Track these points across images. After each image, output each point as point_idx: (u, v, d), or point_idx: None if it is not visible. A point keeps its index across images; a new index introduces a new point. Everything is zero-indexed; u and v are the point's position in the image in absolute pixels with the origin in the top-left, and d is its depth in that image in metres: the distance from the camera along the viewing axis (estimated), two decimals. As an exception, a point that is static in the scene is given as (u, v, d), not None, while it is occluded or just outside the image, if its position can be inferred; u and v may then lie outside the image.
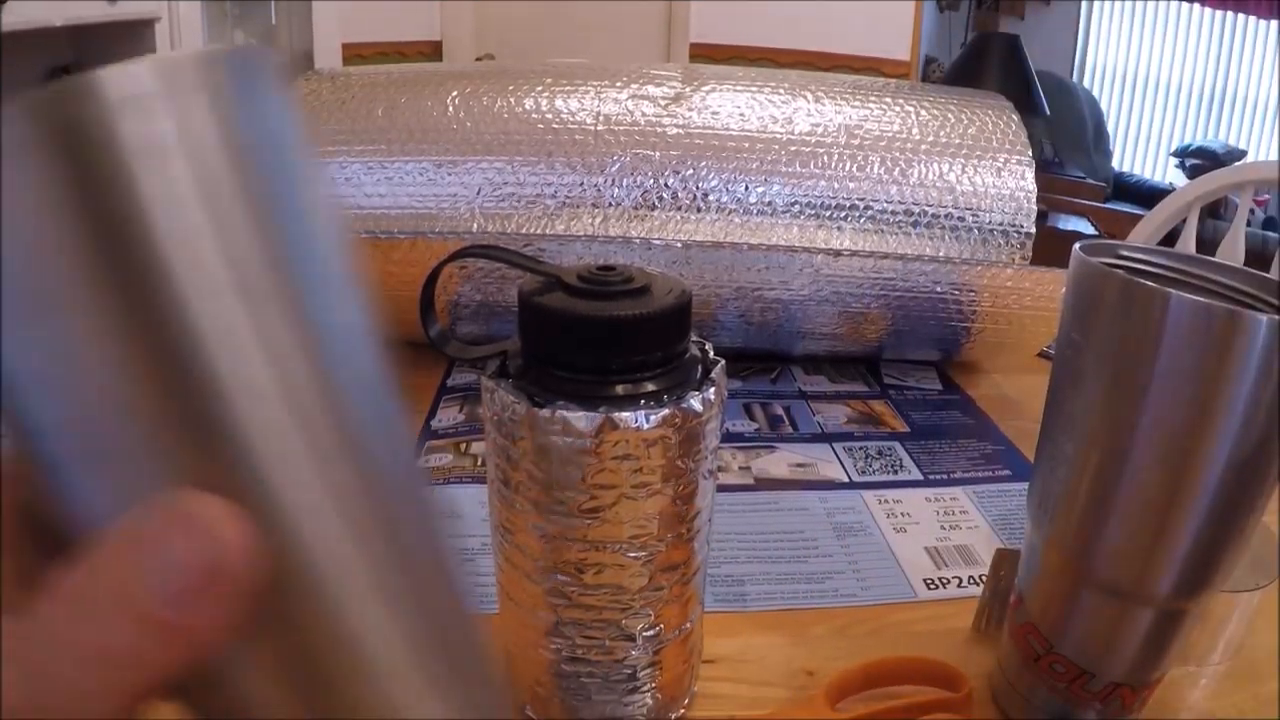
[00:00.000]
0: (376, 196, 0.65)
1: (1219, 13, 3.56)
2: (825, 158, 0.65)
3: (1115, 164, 3.71)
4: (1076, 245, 0.32)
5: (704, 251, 0.58)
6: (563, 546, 0.30)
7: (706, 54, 2.59)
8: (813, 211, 0.65)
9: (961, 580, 0.46)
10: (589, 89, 0.67)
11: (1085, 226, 2.92)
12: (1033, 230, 0.66)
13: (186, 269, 0.14)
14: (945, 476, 0.56)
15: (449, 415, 0.62)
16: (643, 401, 0.28)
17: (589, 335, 0.28)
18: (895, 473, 0.56)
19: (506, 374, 0.30)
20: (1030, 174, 0.66)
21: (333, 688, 0.16)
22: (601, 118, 0.66)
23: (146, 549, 0.14)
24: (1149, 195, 3.10)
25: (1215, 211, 2.55)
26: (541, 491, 0.29)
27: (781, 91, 0.68)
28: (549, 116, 0.66)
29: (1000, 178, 0.65)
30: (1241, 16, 3.51)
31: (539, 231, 0.64)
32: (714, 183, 0.64)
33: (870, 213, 0.65)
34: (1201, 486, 0.29)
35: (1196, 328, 0.27)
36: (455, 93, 0.67)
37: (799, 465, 0.57)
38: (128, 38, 1.77)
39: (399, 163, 0.65)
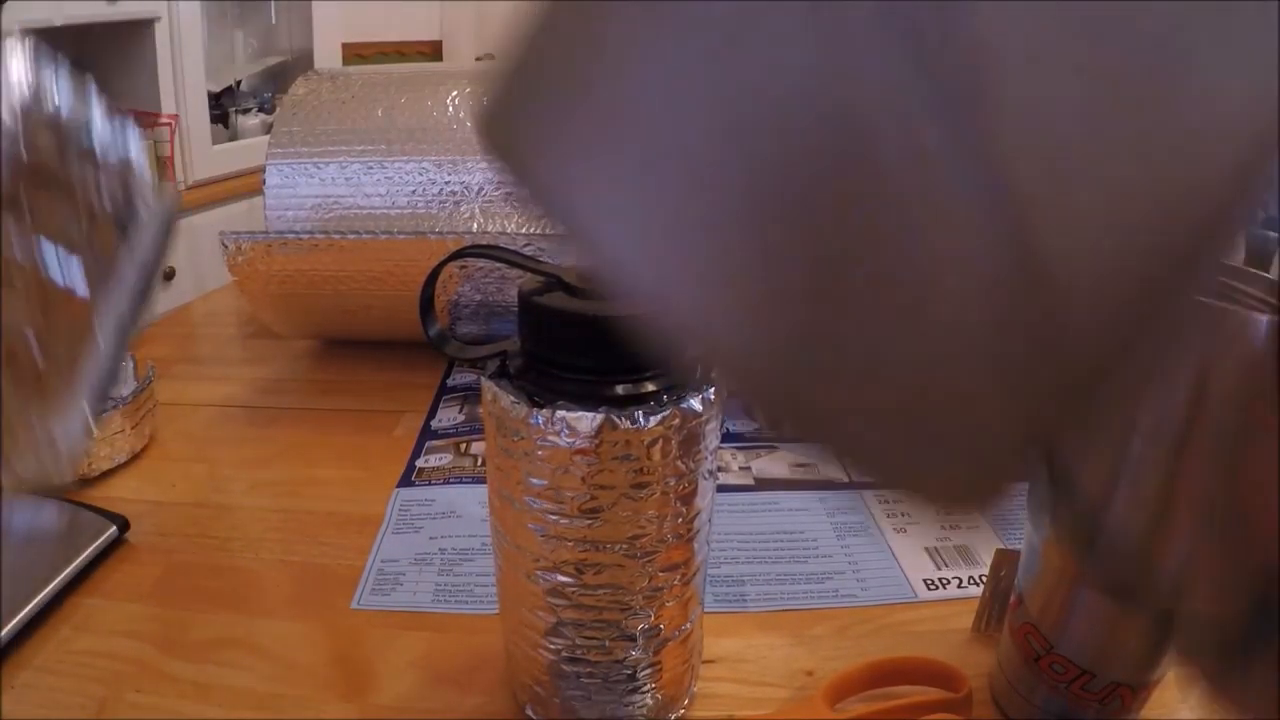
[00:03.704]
0: (376, 196, 0.65)
1: (1219, 12, 3.56)
2: (825, 158, 0.65)
3: (1115, 164, 3.71)
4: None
5: (704, 251, 0.58)
6: (563, 546, 0.30)
7: (706, 54, 2.59)
8: (813, 211, 0.65)
9: (961, 580, 0.46)
10: (589, 89, 0.67)
11: (1085, 226, 2.92)
12: (1033, 230, 0.65)
13: None
14: (945, 476, 0.56)
15: (449, 415, 0.62)
16: (643, 401, 0.28)
17: (589, 335, 0.28)
18: (895, 473, 0.56)
19: (506, 374, 0.30)
20: (1030, 174, 0.66)
21: None
22: (601, 118, 0.66)
23: None
24: (1149, 195, 3.09)
25: (1215, 211, 2.54)
26: (541, 491, 0.29)
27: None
28: (549, 116, 0.66)
29: (1000, 178, 0.65)
30: (1241, 16, 3.51)
31: (539, 231, 0.64)
32: (714, 183, 0.64)
33: (870, 213, 0.65)
34: (1200, 486, 0.29)
35: (1196, 328, 0.27)
36: (455, 93, 0.67)
37: (799, 465, 0.57)
38: (128, 38, 1.77)
39: (399, 162, 0.65)
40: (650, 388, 0.29)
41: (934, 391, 0.13)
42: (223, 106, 2.06)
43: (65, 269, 0.19)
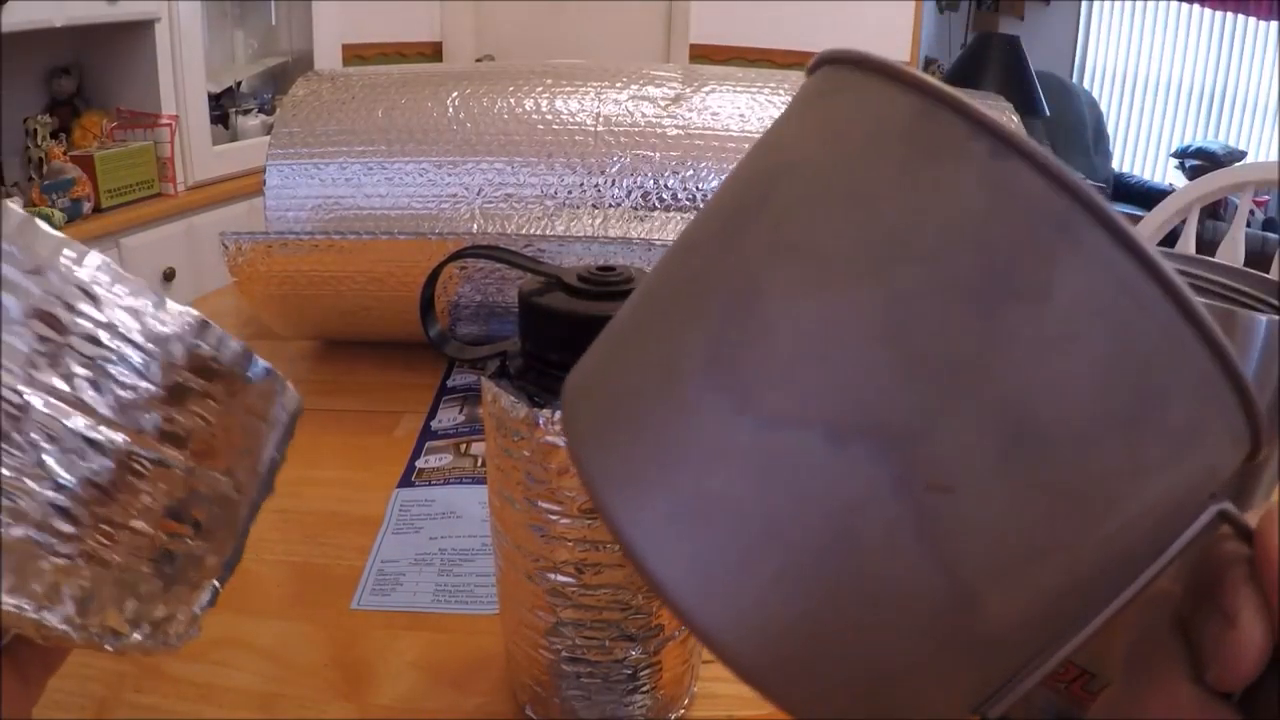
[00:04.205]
0: (376, 197, 0.65)
1: (1219, 13, 3.56)
2: (825, 158, 0.65)
3: (1115, 164, 3.71)
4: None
5: (704, 252, 0.58)
6: (562, 546, 0.30)
7: (706, 54, 2.59)
8: (813, 212, 0.65)
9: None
10: (589, 90, 0.67)
11: (1085, 227, 2.91)
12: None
13: None
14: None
15: (449, 416, 0.62)
16: (643, 402, 0.28)
17: (589, 335, 0.28)
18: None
19: (506, 374, 0.30)
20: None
21: None
22: (601, 119, 0.66)
23: None
24: (1149, 196, 3.10)
25: (1215, 212, 2.55)
26: (541, 491, 0.29)
27: (782, 92, 0.68)
28: (549, 117, 0.66)
29: (1000, 178, 0.65)
30: (1241, 17, 3.51)
31: (539, 232, 0.64)
32: (714, 183, 0.64)
33: (870, 213, 0.65)
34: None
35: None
36: (455, 94, 0.67)
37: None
38: (128, 38, 1.77)
39: (399, 163, 0.65)
40: (650, 388, 0.29)
41: (897, 680, 0.18)
42: (223, 107, 2.06)
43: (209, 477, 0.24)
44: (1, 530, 0.20)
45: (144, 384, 0.22)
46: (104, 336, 0.21)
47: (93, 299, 0.21)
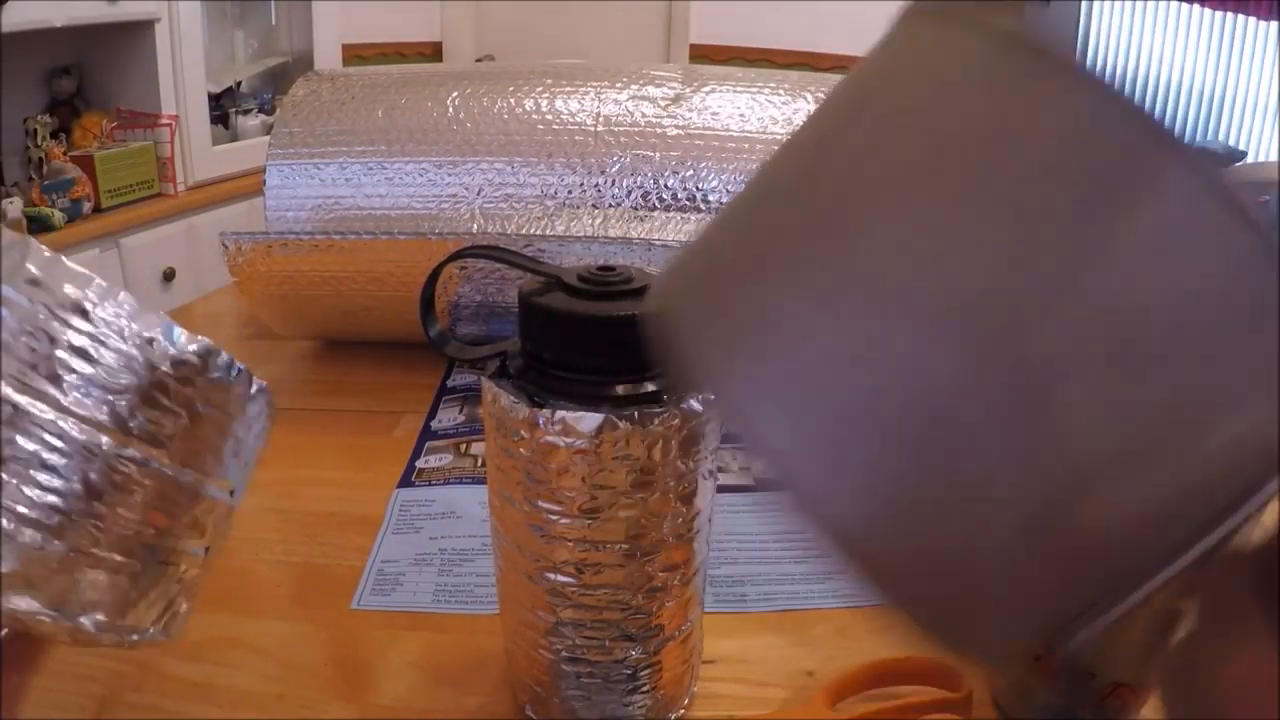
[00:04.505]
0: (376, 197, 0.65)
1: (1219, 13, 3.56)
2: (825, 158, 0.65)
3: (1115, 164, 3.71)
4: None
5: (704, 252, 0.58)
6: (563, 546, 0.30)
7: (706, 54, 2.59)
8: (813, 212, 0.65)
9: (961, 580, 0.46)
10: (589, 90, 0.67)
11: (1085, 227, 2.91)
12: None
13: None
14: (945, 477, 0.56)
15: (449, 416, 0.62)
16: (643, 402, 0.28)
17: (589, 335, 0.28)
18: (895, 473, 0.56)
19: (506, 374, 0.30)
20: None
21: None
22: (601, 118, 0.66)
23: None
24: (1149, 196, 3.09)
25: (1215, 212, 2.54)
26: (541, 491, 0.29)
27: (782, 92, 0.68)
28: (549, 117, 0.66)
29: (1000, 178, 0.65)
30: (1241, 17, 3.51)
31: (539, 232, 0.64)
32: (714, 183, 0.64)
33: (870, 213, 0.65)
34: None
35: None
36: (455, 94, 0.67)
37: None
38: (128, 38, 1.77)
39: (399, 163, 0.65)
40: (650, 388, 0.29)
41: (986, 582, 0.18)
42: (223, 107, 2.06)
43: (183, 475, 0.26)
44: (8, 533, 0.21)
45: (129, 389, 0.24)
46: (90, 346, 0.23)
47: (81, 312, 0.23)
